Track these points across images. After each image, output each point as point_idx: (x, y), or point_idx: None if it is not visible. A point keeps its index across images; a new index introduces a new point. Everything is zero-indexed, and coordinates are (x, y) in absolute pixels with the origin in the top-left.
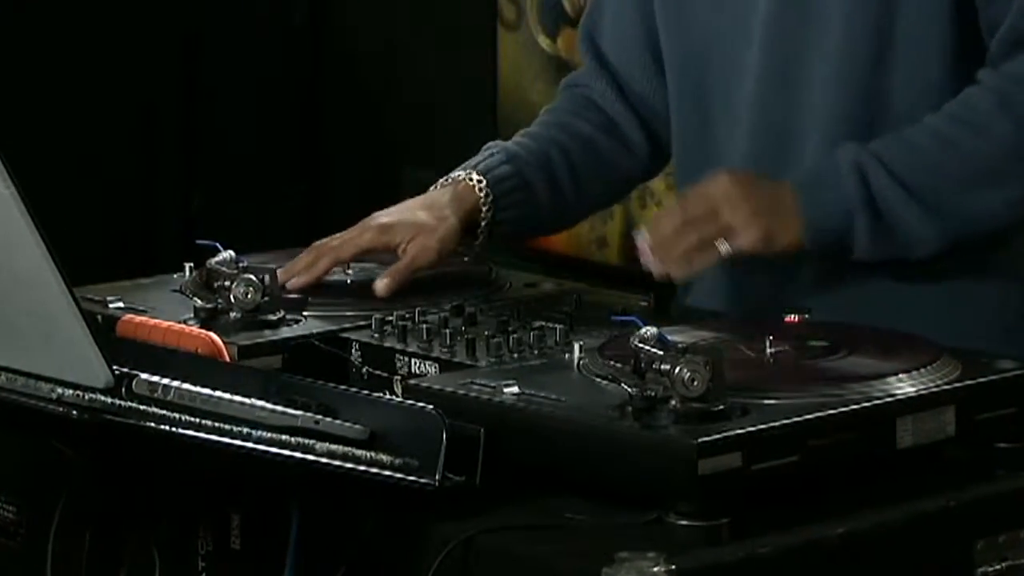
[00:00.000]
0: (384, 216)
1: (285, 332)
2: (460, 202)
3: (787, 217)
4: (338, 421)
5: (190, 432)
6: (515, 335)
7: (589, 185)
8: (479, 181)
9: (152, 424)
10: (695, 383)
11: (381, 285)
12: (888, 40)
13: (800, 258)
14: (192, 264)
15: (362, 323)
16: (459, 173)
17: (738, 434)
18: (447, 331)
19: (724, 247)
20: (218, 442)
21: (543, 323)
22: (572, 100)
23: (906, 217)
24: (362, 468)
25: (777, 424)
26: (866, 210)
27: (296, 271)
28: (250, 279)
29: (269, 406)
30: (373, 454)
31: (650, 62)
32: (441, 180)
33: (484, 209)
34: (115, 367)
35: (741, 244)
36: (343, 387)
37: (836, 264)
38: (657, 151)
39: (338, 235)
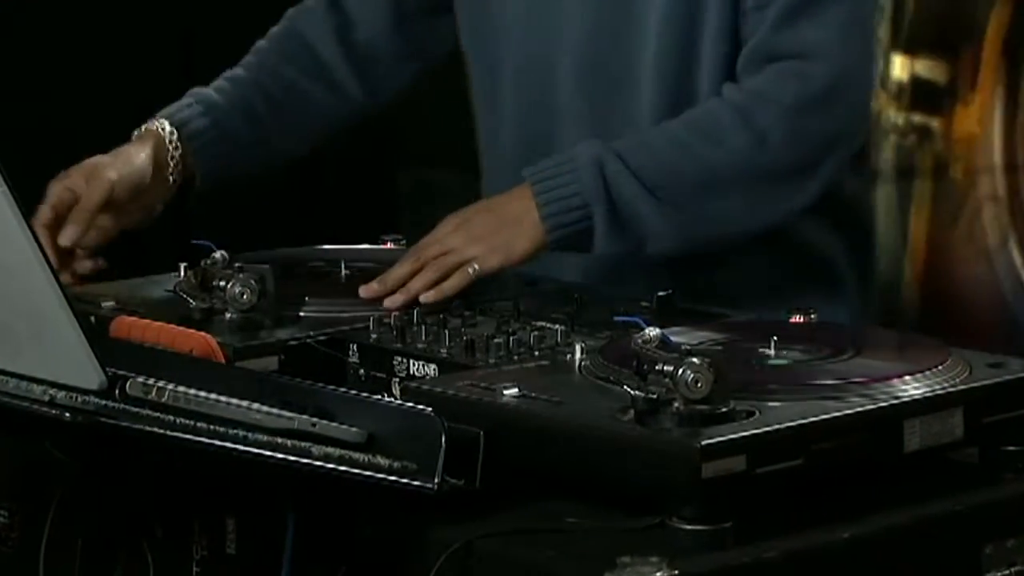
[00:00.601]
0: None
1: (281, 333)
2: (154, 150)
3: (521, 225)
4: (335, 424)
5: (185, 435)
6: (515, 336)
7: (291, 130)
8: (171, 132)
9: (146, 427)
10: (698, 385)
11: (64, 235)
12: (696, 45)
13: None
14: (187, 264)
15: (360, 324)
16: (152, 123)
17: (742, 437)
18: (446, 332)
19: (470, 269)
20: (213, 445)
21: (544, 324)
22: (285, 40)
23: (642, 211)
24: (360, 471)
25: (782, 427)
26: (603, 202)
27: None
28: (245, 279)
29: (265, 408)
30: (371, 457)
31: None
32: (136, 131)
33: (172, 162)
34: (108, 368)
35: (483, 267)
36: (340, 389)
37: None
38: (371, 97)
39: None
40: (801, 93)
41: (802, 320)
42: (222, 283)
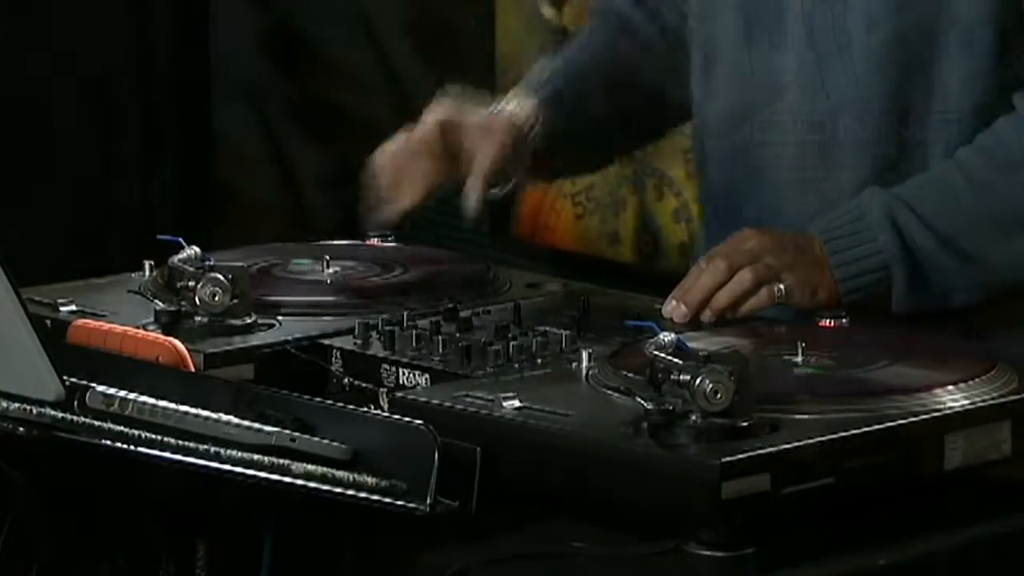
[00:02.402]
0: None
1: (257, 338)
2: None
3: (823, 271)
4: (317, 439)
5: (150, 451)
6: (516, 342)
7: (643, 114)
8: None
9: (108, 441)
10: (718, 396)
11: (471, 204)
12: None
13: None
14: (152, 262)
15: (344, 328)
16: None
17: (766, 453)
18: (439, 338)
19: (778, 288)
20: (182, 462)
21: (547, 328)
22: (608, 25)
23: (943, 266)
24: (344, 491)
25: (810, 442)
26: (903, 263)
27: (394, 198)
28: (218, 279)
29: (239, 422)
30: (356, 476)
31: None
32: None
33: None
34: (66, 378)
35: (790, 297)
36: (322, 401)
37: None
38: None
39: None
40: None
41: (832, 324)
42: (192, 283)
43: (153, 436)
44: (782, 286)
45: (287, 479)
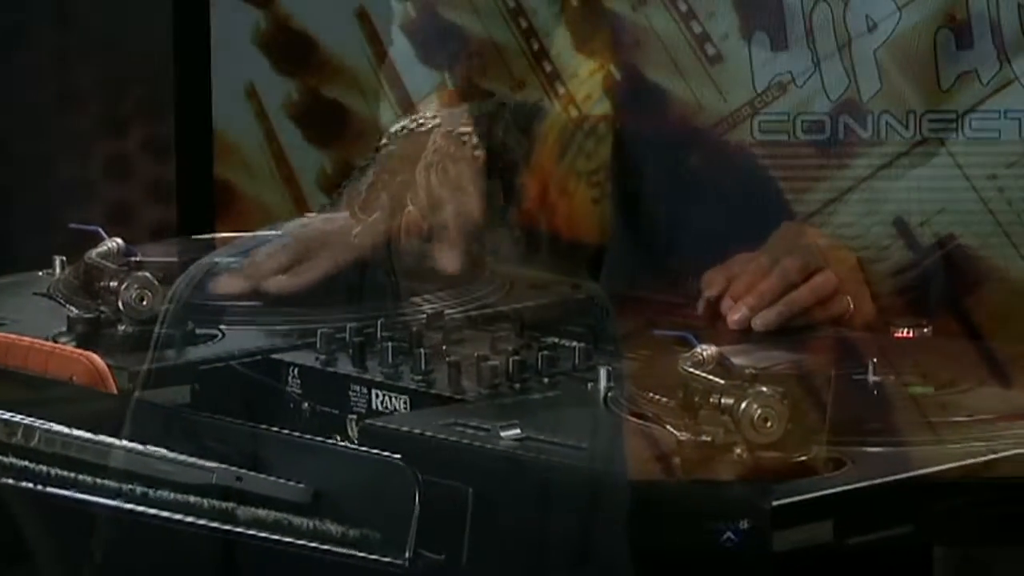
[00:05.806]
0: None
1: (195, 352)
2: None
3: (864, 278)
4: (269, 477)
5: (64, 491)
6: (517, 357)
7: None
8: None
9: (11, 480)
10: (768, 424)
11: (449, 262)
12: None
13: None
14: (64, 258)
15: (302, 340)
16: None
17: (828, 495)
18: (421, 351)
19: (848, 302)
20: (103, 505)
21: (556, 340)
22: None
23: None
24: (302, 542)
25: (883, 482)
26: (934, 265)
27: (275, 268)
28: (146, 278)
29: (173, 456)
30: (318, 522)
31: None
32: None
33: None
34: None
35: (854, 313)
36: (276, 430)
37: None
38: None
39: (327, 218)
40: None
41: (910, 334)
42: (113, 283)
43: (66, 474)
44: (850, 301)
45: (232, 528)
